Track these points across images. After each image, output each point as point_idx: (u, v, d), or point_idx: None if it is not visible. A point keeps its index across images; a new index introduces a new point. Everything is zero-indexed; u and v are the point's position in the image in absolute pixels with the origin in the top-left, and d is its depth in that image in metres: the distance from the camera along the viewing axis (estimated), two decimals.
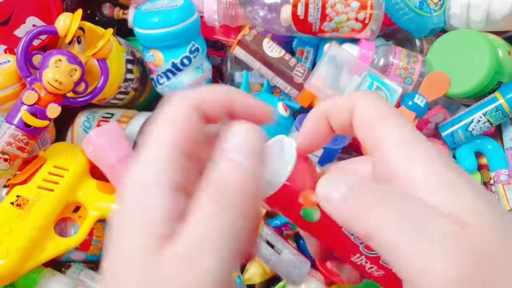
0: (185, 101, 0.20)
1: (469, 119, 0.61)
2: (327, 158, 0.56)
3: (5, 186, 0.54)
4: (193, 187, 0.19)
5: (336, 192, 0.19)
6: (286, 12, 0.58)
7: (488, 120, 0.60)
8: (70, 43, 0.54)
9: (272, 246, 0.54)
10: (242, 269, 0.57)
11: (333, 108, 0.22)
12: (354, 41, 0.62)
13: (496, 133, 0.65)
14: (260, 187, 0.19)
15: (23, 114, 0.49)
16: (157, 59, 0.59)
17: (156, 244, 0.17)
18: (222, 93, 0.21)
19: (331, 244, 0.23)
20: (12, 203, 0.49)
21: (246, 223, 0.17)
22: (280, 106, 0.61)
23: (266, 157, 0.20)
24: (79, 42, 0.55)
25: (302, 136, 0.23)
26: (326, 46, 0.61)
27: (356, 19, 0.57)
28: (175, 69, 0.59)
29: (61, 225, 0.53)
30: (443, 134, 0.63)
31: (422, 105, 0.57)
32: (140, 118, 0.60)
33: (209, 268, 0.16)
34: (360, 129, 0.21)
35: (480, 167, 0.63)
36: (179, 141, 0.19)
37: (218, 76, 0.73)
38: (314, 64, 0.66)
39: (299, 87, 0.61)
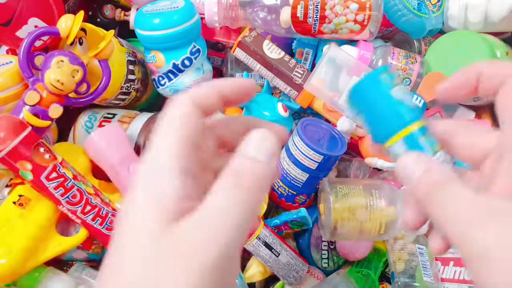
0: (186, 100, 0.22)
1: None
2: (327, 165, 0.56)
3: (7, 186, 0.54)
4: (201, 174, 0.22)
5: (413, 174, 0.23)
6: (285, 13, 0.58)
7: None
8: (72, 44, 0.55)
9: (270, 248, 0.54)
10: (243, 268, 0.58)
11: (489, 71, 0.24)
12: (353, 42, 0.63)
13: None
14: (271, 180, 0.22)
15: (25, 114, 0.50)
16: (158, 60, 0.59)
17: (167, 218, 0.19)
18: (215, 87, 0.24)
19: None
20: (14, 203, 0.50)
21: (258, 204, 0.21)
22: (279, 107, 0.61)
23: None
24: (81, 43, 0.55)
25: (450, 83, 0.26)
26: (325, 47, 0.61)
27: (355, 21, 0.58)
28: (176, 70, 0.59)
29: (63, 224, 0.54)
30: None
31: (420, 105, 0.57)
32: (141, 118, 0.60)
33: (223, 233, 0.19)
34: (503, 103, 0.23)
35: None
36: (184, 136, 0.21)
37: (219, 77, 0.73)
38: (313, 65, 0.67)
39: (299, 88, 0.61)
